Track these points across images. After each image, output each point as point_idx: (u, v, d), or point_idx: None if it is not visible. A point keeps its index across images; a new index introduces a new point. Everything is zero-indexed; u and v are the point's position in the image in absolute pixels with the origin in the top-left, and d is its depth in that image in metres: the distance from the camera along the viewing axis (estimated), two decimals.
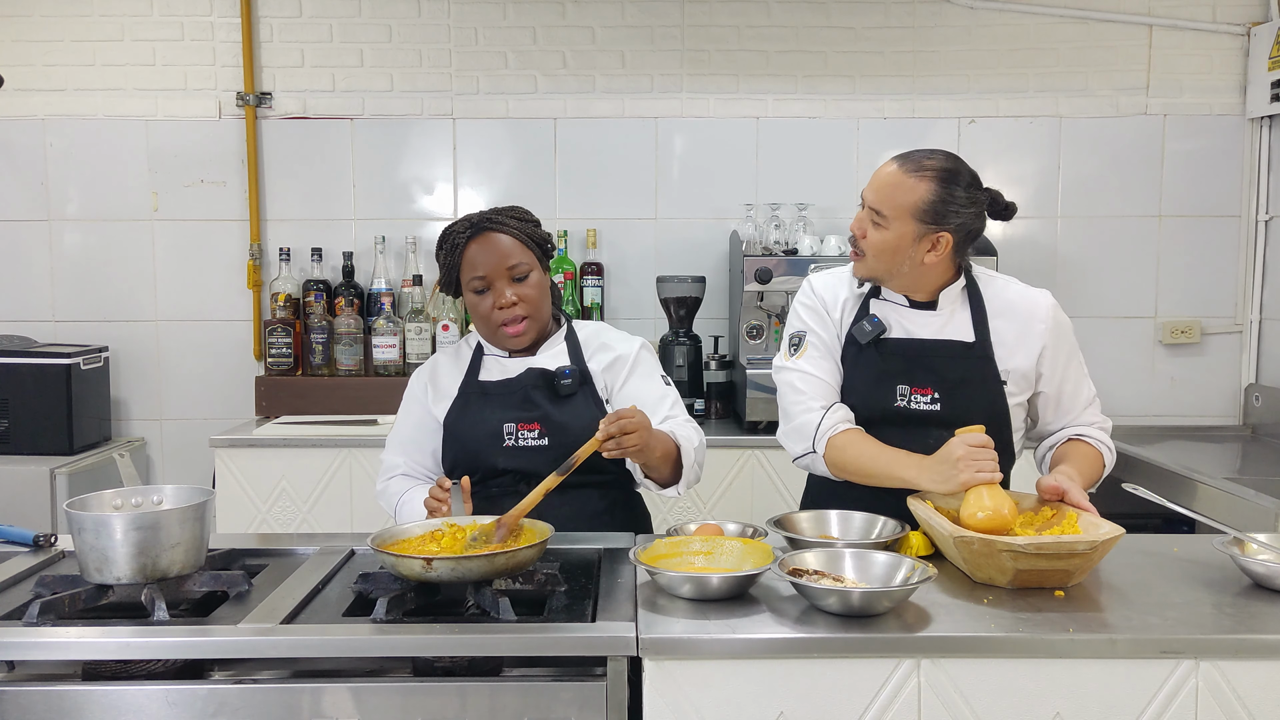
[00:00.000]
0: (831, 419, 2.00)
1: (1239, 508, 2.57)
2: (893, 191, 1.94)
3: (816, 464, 2.02)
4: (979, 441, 1.79)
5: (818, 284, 2.15)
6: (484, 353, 2.17)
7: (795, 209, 3.53)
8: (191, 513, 1.64)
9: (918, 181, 1.93)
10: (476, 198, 3.73)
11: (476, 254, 2.06)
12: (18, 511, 3.12)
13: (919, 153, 1.98)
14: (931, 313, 2.04)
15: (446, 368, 2.19)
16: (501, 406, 2.08)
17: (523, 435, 2.06)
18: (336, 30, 3.68)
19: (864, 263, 2.01)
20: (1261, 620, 1.55)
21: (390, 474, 2.20)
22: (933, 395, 2.00)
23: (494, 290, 2.06)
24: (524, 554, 1.60)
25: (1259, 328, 3.70)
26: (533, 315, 2.08)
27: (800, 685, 1.48)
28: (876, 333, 2.02)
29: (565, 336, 2.17)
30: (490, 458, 2.06)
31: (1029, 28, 3.67)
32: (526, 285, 2.07)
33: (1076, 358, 2.08)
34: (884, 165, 1.99)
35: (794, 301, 2.17)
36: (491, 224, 2.08)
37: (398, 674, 1.53)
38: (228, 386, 3.72)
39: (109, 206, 3.70)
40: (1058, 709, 1.48)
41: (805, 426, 2.02)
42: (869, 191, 1.98)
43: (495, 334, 2.11)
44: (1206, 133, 3.69)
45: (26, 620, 1.52)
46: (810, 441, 2.00)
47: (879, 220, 1.96)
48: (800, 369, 2.06)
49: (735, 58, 3.70)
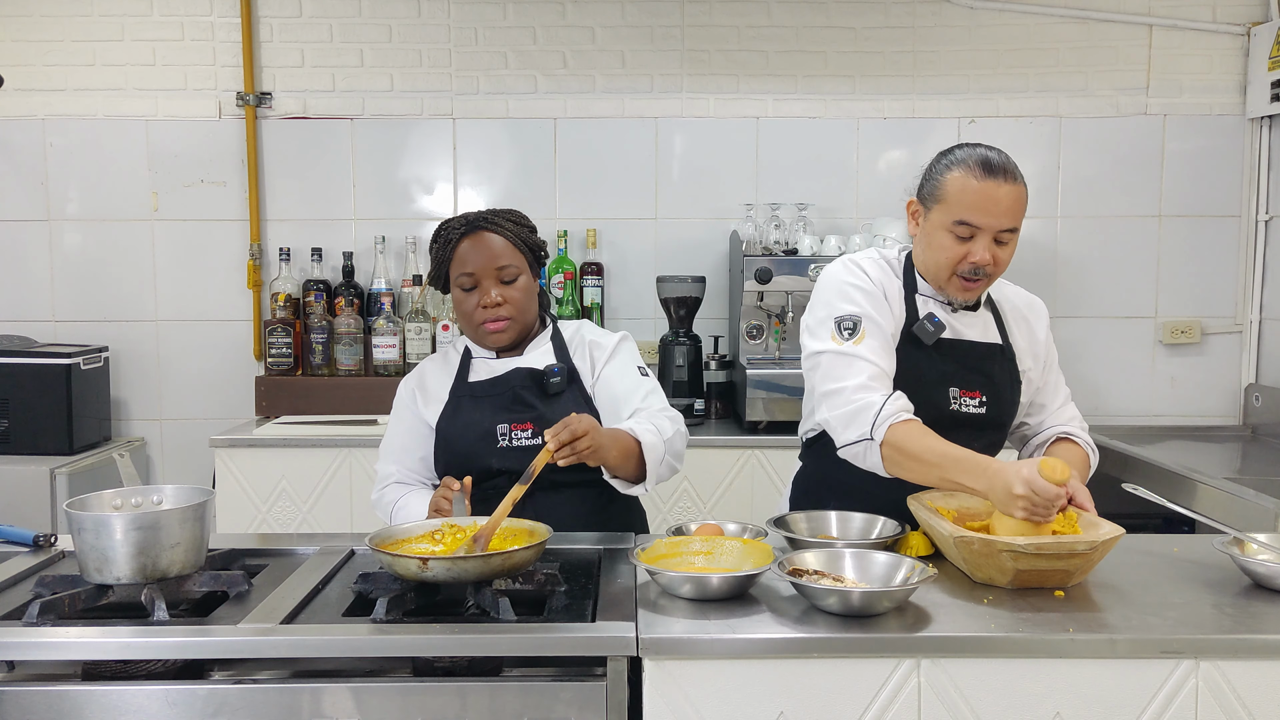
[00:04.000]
0: (894, 405, 1.83)
1: (1239, 508, 2.57)
2: (1022, 206, 1.89)
3: (870, 453, 1.85)
4: (1044, 492, 1.64)
5: (869, 267, 2.00)
6: (472, 355, 2.18)
7: (795, 209, 3.53)
8: (191, 513, 1.64)
9: (1025, 187, 1.89)
10: (476, 198, 3.73)
11: (468, 251, 2.06)
12: (18, 511, 3.12)
13: (1005, 159, 1.89)
14: (973, 314, 2.02)
15: (434, 373, 2.19)
16: (493, 408, 2.09)
17: (516, 435, 2.06)
18: (336, 30, 3.68)
19: (985, 283, 1.94)
20: (1261, 620, 1.55)
21: (384, 483, 2.20)
22: (981, 398, 1.97)
23: (480, 289, 2.06)
24: (521, 554, 1.60)
25: (1259, 328, 3.70)
26: (516, 317, 2.08)
27: (800, 685, 1.48)
28: (939, 332, 1.95)
29: (551, 336, 2.18)
30: (484, 459, 2.06)
31: (1029, 28, 3.67)
32: (514, 288, 2.07)
33: (1056, 355, 2.12)
34: (992, 184, 1.85)
35: (834, 279, 1.99)
36: (487, 223, 2.08)
37: (398, 674, 1.53)
38: (228, 386, 3.72)
39: (109, 206, 3.70)
40: (1058, 709, 1.48)
41: (864, 411, 1.83)
42: (997, 218, 1.86)
43: (476, 330, 2.11)
44: (1206, 133, 3.69)
45: (26, 620, 1.52)
46: (869, 427, 1.82)
47: (1008, 238, 1.89)
48: (860, 354, 1.88)
49: (735, 58, 3.70)
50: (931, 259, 1.95)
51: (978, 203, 1.86)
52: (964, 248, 1.89)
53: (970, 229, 1.87)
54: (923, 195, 1.97)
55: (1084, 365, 3.73)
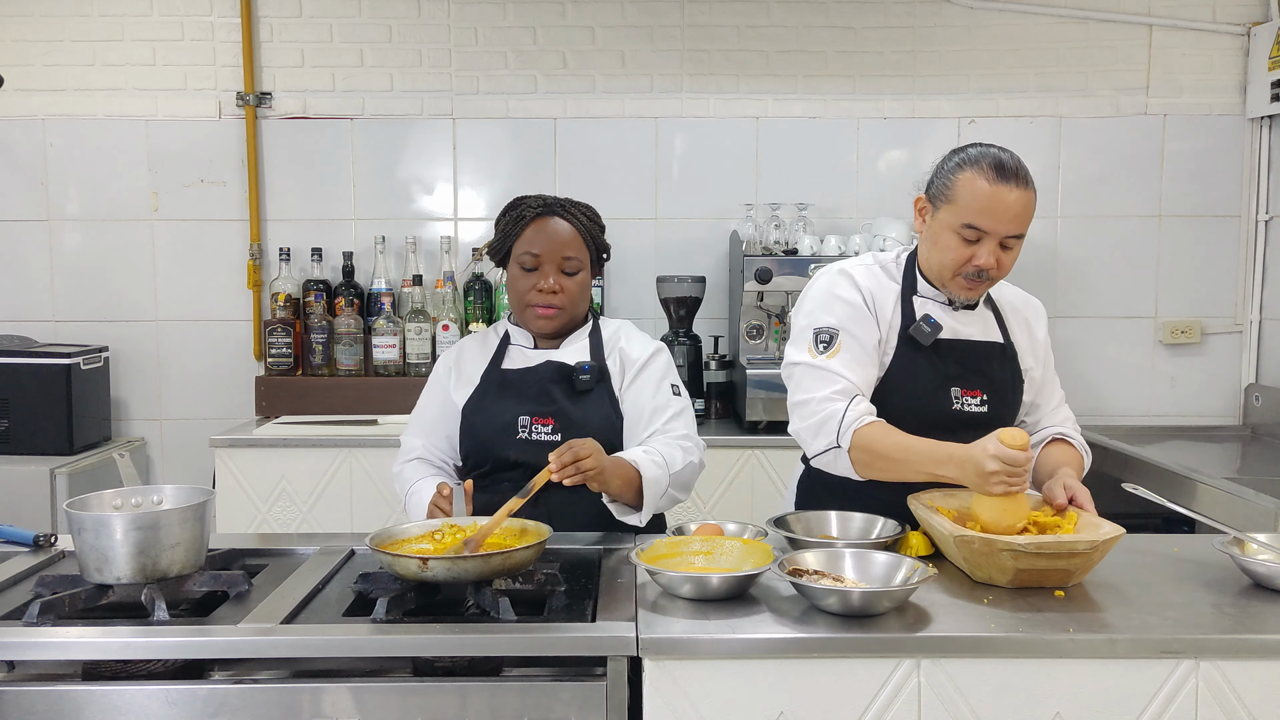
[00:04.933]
0: (856, 410, 1.87)
1: (1239, 508, 2.57)
2: (1030, 212, 1.88)
3: (840, 460, 1.89)
4: (1014, 460, 1.68)
5: (861, 277, 2.00)
6: (510, 341, 2.18)
7: (795, 209, 3.53)
8: (191, 513, 1.64)
9: (1034, 192, 1.88)
10: (476, 198, 3.73)
11: (538, 233, 2.07)
12: (18, 511, 3.12)
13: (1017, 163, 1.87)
14: (972, 313, 2.03)
15: (472, 354, 2.20)
16: (518, 398, 2.09)
17: (536, 429, 2.06)
18: (336, 30, 3.68)
19: (988, 284, 1.94)
20: (1261, 620, 1.55)
21: (408, 456, 2.21)
22: (982, 397, 1.97)
23: (540, 272, 2.07)
24: (521, 554, 1.60)
25: (1259, 328, 3.70)
26: (567, 308, 2.10)
27: (800, 685, 1.48)
28: (936, 333, 1.95)
29: (590, 333, 2.18)
30: (502, 449, 2.06)
31: (1029, 28, 3.67)
32: (573, 280, 2.09)
33: (1052, 356, 2.13)
34: (1003, 189, 1.84)
35: (821, 290, 2.01)
36: (563, 210, 2.10)
37: (398, 674, 1.53)
38: (228, 386, 3.72)
39: (109, 206, 3.70)
40: (1058, 709, 1.48)
41: (829, 420, 1.88)
42: (1005, 224, 1.85)
43: (525, 312, 2.11)
44: (1206, 133, 3.69)
45: (26, 620, 1.52)
46: (834, 435, 1.87)
47: (1013, 243, 1.89)
48: (830, 369, 1.91)
49: (735, 58, 3.70)
50: (936, 258, 1.95)
51: (987, 206, 1.85)
52: (969, 250, 1.89)
53: (977, 232, 1.87)
54: (932, 193, 1.96)
55: (1084, 365, 3.73)
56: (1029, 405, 2.10)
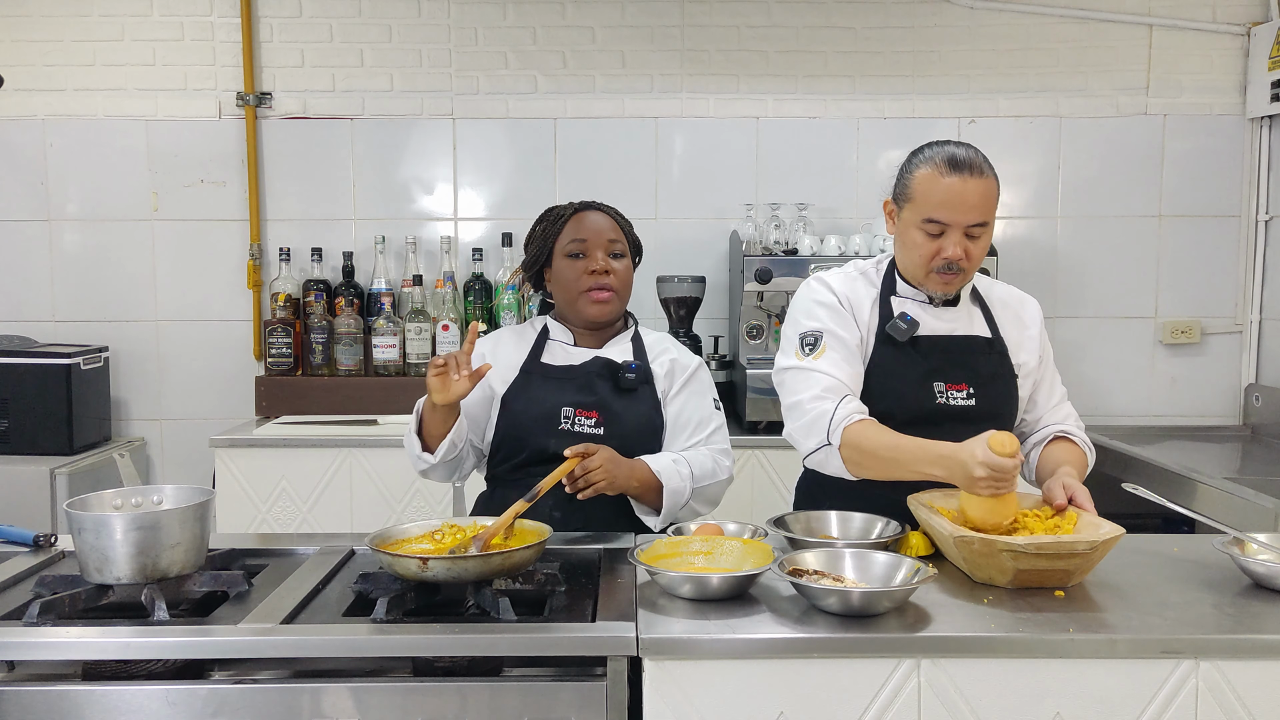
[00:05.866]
0: (846, 409, 1.90)
1: (1239, 508, 2.57)
2: (991, 200, 1.92)
3: (831, 459, 1.91)
4: (1001, 466, 1.68)
5: (836, 284, 2.06)
6: (549, 336, 2.18)
7: (795, 209, 3.53)
8: (191, 513, 1.64)
9: (994, 180, 1.93)
10: (476, 198, 3.73)
11: (579, 224, 2.13)
12: (18, 511, 3.12)
13: (972, 154, 1.92)
14: (954, 309, 2.05)
15: (509, 344, 2.19)
16: (561, 390, 2.09)
17: (580, 421, 2.06)
18: (336, 30, 3.68)
19: (962, 277, 1.97)
20: (1261, 620, 1.55)
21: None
22: (968, 391, 1.99)
23: (590, 256, 2.10)
24: (521, 554, 1.60)
25: (1259, 328, 3.70)
26: (620, 291, 2.13)
27: (800, 685, 1.48)
28: (913, 330, 1.98)
29: (631, 337, 2.20)
30: (542, 439, 2.05)
31: (1029, 28, 3.67)
32: (620, 263, 2.14)
33: (1050, 352, 2.14)
34: (958, 181, 1.89)
35: (801, 299, 2.07)
36: (597, 206, 2.18)
37: (398, 674, 1.53)
38: (228, 386, 3.72)
39: (109, 206, 3.70)
40: (1058, 709, 1.48)
41: (819, 419, 1.90)
42: (965, 214, 1.89)
43: (578, 300, 2.11)
44: (1206, 133, 3.69)
45: (26, 620, 1.52)
46: (825, 434, 1.90)
47: (979, 232, 1.92)
48: (818, 369, 1.95)
49: (735, 58, 3.70)
50: (907, 257, 2.00)
51: (945, 199, 1.90)
52: (935, 244, 1.93)
53: (940, 226, 1.92)
54: (896, 195, 2.03)
55: (1084, 365, 3.73)
56: (1027, 401, 2.10)
